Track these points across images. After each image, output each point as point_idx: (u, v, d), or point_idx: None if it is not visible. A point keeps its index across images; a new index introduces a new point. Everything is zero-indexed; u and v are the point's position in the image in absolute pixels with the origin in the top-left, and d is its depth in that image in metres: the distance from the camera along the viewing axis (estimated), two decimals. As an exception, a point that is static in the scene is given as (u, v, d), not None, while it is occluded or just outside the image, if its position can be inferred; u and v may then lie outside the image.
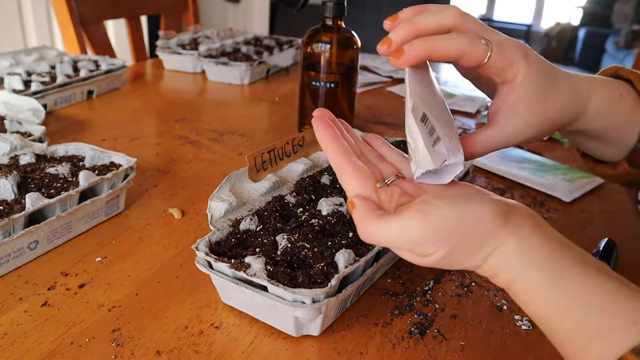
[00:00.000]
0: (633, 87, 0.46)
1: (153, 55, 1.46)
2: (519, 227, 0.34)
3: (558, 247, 0.34)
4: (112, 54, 1.42)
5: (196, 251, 0.45)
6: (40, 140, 0.71)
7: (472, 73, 0.45)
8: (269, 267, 0.43)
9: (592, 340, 0.31)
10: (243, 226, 0.49)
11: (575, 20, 5.45)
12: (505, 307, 0.50)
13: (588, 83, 0.44)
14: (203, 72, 1.27)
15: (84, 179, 0.57)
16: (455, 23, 0.39)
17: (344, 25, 0.82)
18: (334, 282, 0.41)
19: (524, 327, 0.47)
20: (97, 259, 0.54)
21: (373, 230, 0.35)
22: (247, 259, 0.43)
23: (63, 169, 0.59)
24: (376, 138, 0.44)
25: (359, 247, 0.47)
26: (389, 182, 0.39)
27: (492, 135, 0.42)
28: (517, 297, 0.35)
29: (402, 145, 0.70)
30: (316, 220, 0.50)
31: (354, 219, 0.36)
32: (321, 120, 0.40)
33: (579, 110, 0.44)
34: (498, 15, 6.09)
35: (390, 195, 0.38)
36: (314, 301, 0.41)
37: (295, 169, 0.60)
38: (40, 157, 0.63)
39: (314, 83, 0.83)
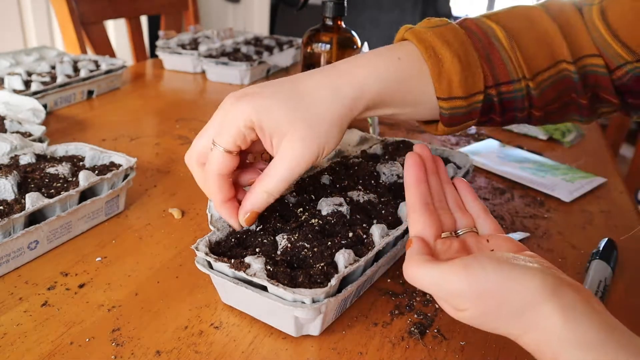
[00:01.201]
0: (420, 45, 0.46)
1: (153, 55, 1.46)
2: (567, 306, 0.32)
3: (607, 331, 0.31)
4: (112, 54, 1.42)
5: (196, 251, 0.45)
6: (40, 140, 0.71)
7: None
8: (269, 267, 0.43)
9: None
10: (243, 226, 0.49)
11: (575, 20, 5.43)
12: (505, 307, 0.50)
13: (364, 70, 0.44)
14: (203, 72, 1.27)
15: (84, 179, 0.57)
16: None
17: (344, 25, 0.82)
18: (334, 282, 0.41)
19: (524, 327, 0.47)
20: (97, 259, 0.54)
21: (416, 272, 0.35)
22: (247, 259, 0.43)
23: (63, 169, 0.59)
24: (463, 184, 0.45)
25: (359, 247, 0.47)
26: (460, 234, 0.41)
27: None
28: None
29: (401, 145, 0.70)
30: (316, 220, 0.50)
31: (405, 256, 0.37)
32: (414, 158, 0.42)
33: (361, 104, 0.44)
34: (498, 15, 6.08)
35: (448, 247, 0.39)
36: (314, 301, 0.41)
37: (295, 169, 0.60)
38: (40, 157, 0.63)
39: (314, 83, 0.83)
